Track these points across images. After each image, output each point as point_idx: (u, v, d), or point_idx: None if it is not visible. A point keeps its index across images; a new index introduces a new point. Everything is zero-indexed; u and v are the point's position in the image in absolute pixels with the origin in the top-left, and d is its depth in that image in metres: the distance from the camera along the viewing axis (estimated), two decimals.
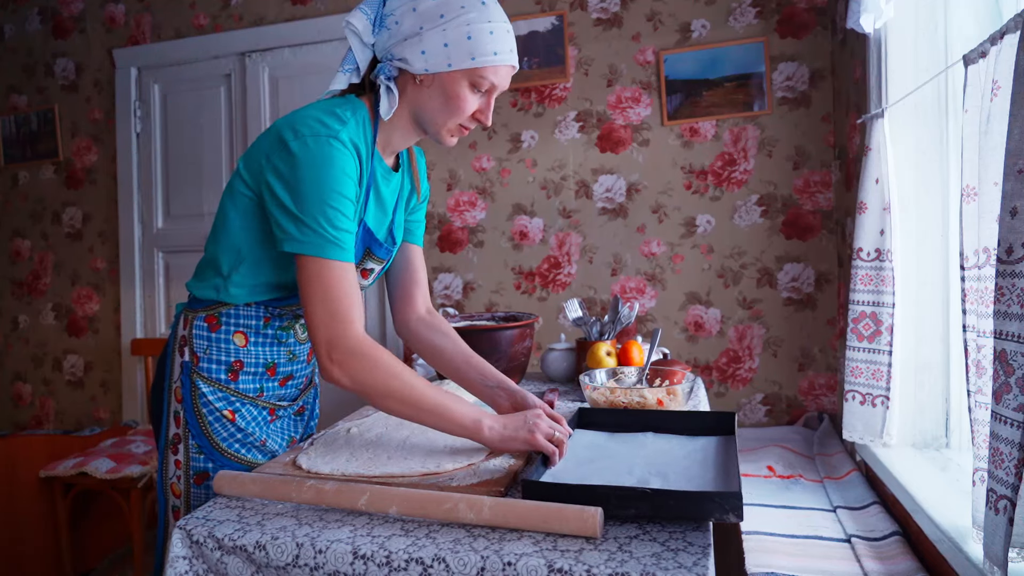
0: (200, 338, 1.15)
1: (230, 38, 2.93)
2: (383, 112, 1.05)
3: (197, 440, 1.14)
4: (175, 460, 1.15)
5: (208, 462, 1.13)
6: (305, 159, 0.98)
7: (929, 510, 1.34)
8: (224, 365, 1.15)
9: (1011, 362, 0.90)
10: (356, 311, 1.00)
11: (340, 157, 0.99)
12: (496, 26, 1.02)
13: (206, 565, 0.86)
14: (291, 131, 1.01)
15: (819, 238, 2.40)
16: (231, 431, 1.15)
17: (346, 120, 1.03)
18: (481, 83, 1.04)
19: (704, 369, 2.51)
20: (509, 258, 2.69)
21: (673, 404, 1.25)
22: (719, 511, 0.79)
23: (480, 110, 1.08)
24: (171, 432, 1.16)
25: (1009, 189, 0.91)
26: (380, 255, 1.19)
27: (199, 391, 1.13)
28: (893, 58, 1.73)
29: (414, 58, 1.02)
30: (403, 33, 1.02)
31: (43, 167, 3.21)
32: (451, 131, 1.09)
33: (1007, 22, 0.99)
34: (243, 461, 1.15)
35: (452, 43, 1.00)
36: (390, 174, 1.16)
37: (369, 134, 1.09)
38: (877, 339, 1.68)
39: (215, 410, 1.14)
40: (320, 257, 0.98)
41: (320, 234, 0.98)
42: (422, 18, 1.01)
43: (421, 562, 0.77)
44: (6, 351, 3.32)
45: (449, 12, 1.00)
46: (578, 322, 1.79)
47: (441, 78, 1.03)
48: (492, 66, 1.02)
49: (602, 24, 2.58)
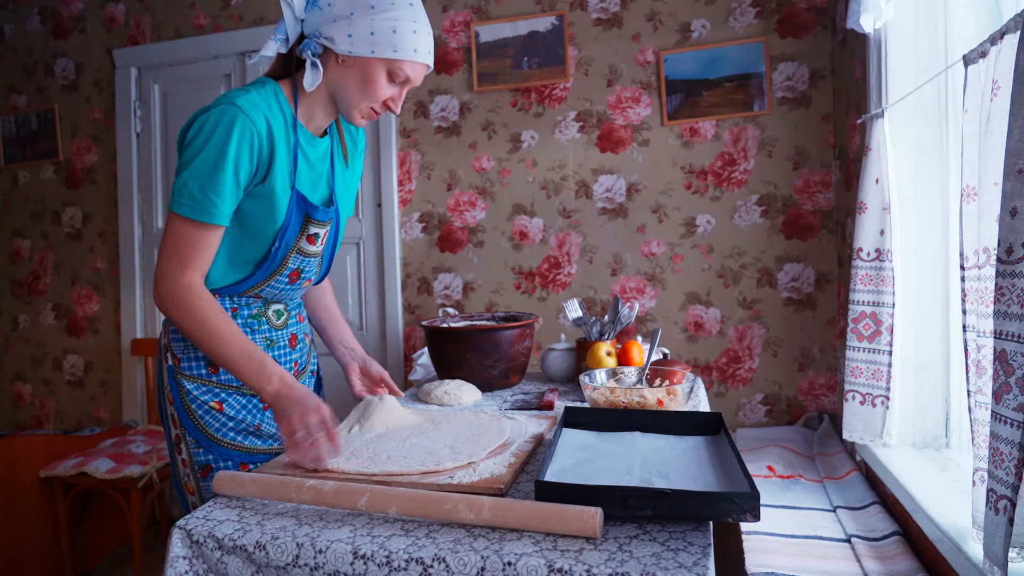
0: (177, 340, 1.22)
1: (230, 38, 2.93)
2: (307, 84, 1.12)
3: (193, 436, 1.20)
4: (181, 460, 1.22)
5: (208, 454, 1.19)
6: (202, 125, 1.08)
7: (929, 510, 1.34)
8: (203, 360, 1.21)
9: (1011, 362, 0.90)
10: (197, 264, 1.11)
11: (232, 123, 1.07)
12: (419, 27, 1.11)
13: (206, 565, 0.86)
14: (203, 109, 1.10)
15: (819, 238, 2.40)
16: (222, 421, 1.20)
17: (252, 92, 1.11)
18: (397, 74, 1.13)
19: (704, 369, 2.51)
20: (509, 258, 2.69)
21: (673, 404, 1.25)
22: (737, 511, 0.80)
23: (392, 98, 1.16)
24: (172, 434, 1.23)
25: (1009, 189, 0.91)
26: (320, 218, 1.23)
27: (184, 389, 1.20)
28: (893, 58, 1.73)
29: (340, 39, 1.10)
30: (334, 14, 1.10)
31: (43, 167, 3.21)
32: (362, 112, 1.17)
33: (1007, 22, 0.99)
34: (240, 448, 1.21)
35: (378, 32, 1.09)
36: (315, 140, 1.22)
37: (287, 106, 1.16)
38: (877, 339, 1.68)
39: (202, 404, 1.20)
40: (181, 216, 1.09)
41: (185, 193, 1.08)
42: (354, 4, 1.09)
43: (421, 562, 0.77)
44: (6, 351, 3.32)
45: (380, 4, 1.09)
46: (578, 322, 1.79)
47: (362, 62, 1.11)
48: (410, 61, 1.12)
49: (602, 24, 2.58)
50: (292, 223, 1.18)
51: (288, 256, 1.21)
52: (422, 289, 2.78)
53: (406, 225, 2.79)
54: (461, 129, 2.71)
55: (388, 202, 2.78)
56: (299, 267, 1.25)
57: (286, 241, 1.19)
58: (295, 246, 1.21)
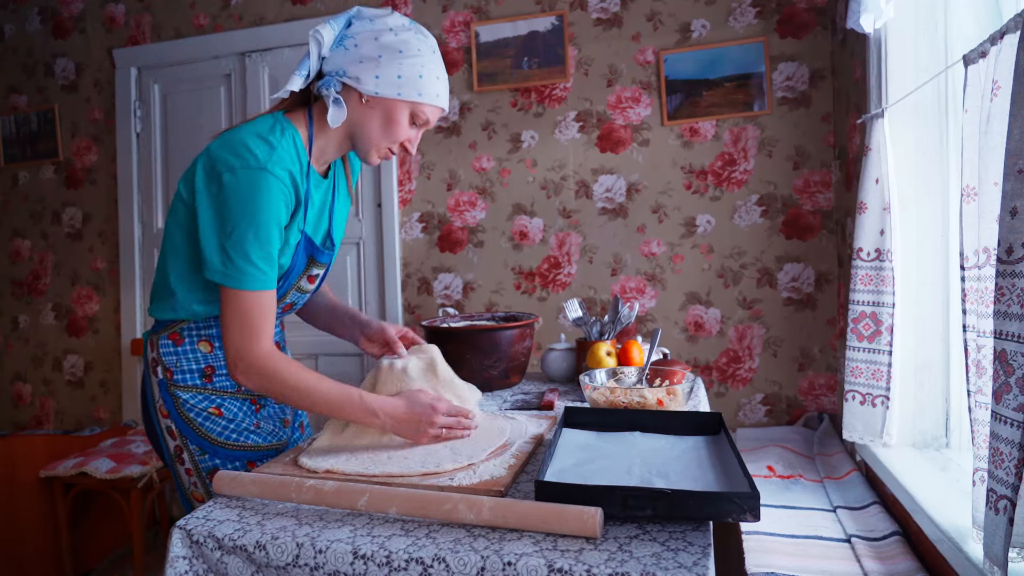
0: (168, 354, 1.22)
1: (230, 38, 2.93)
2: (331, 121, 1.13)
3: (196, 443, 1.21)
4: (185, 470, 1.23)
5: (214, 459, 1.21)
6: (235, 191, 1.06)
7: (929, 510, 1.34)
8: (196, 372, 1.22)
9: (1011, 362, 0.90)
10: (266, 332, 1.10)
11: (269, 189, 1.06)
12: (440, 74, 1.17)
13: (206, 565, 0.86)
14: (224, 162, 1.07)
15: (819, 238, 2.40)
16: (223, 424, 1.22)
17: (275, 145, 1.09)
18: (419, 116, 1.16)
19: (704, 369, 2.51)
20: (509, 258, 2.69)
21: (673, 404, 1.25)
22: (737, 511, 0.80)
23: (410, 139, 1.19)
24: (171, 446, 1.23)
25: (1009, 189, 0.91)
26: (322, 260, 1.26)
27: (180, 399, 1.21)
28: (893, 58, 1.73)
29: (367, 79, 1.12)
30: (360, 55, 1.12)
31: (43, 167, 3.21)
32: (380, 152, 1.19)
33: (1007, 22, 0.99)
34: (245, 447, 1.23)
35: (405, 76, 1.12)
36: (321, 181, 1.23)
37: (303, 151, 1.16)
38: (877, 339, 1.68)
39: (201, 411, 1.21)
40: (238, 289, 1.07)
41: (240, 268, 1.07)
42: (383, 48, 1.12)
43: (421, 562, 0.77)
44: (6, 351, 3.32)
45: (408, 51, 1.12)
46: (578, 322, 1.79)
47: (387, 103, 1.14)
48: (432, 105, 1.16)
49: (602, 24, 2.58)
50: (297, 265, 1.21)
51: (287, 294, 1.25)
52: (422, 289, 2.78)
53: (406, 225, 2.79)
54: (461, 129, 2.71)
55: (388, 202, 2.78)
56: (293, 301, 1.30)
57: (290, 281, 1.22)
58: (295, 285, 1.25)
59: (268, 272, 1.09)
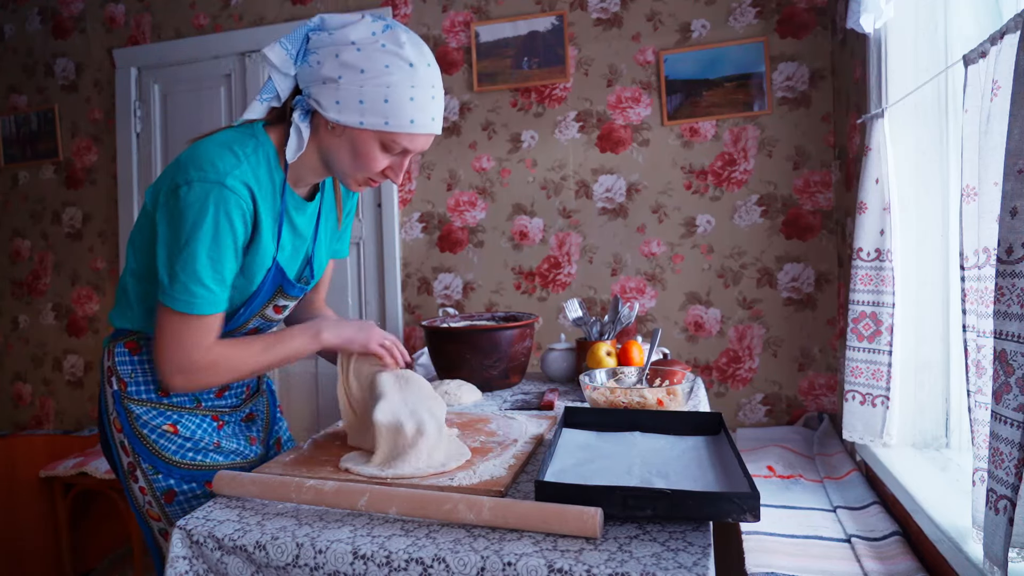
0: (123, 364, 1.14)
1: (230, 38, 2.93)
2: (289, 155, 1.02)
3: (149, 462, 1.12)
4: (139, 488, 1.14)
5: (168, 479, 1.12)
6: (186, 206, 0.97)
7: (929, 510, 1.34)
8: (151, 385, 1.14)
9: (1011, 362, 0.90)
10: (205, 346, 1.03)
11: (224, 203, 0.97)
12: (418, 92, 0.97)
13: (206, 565, 0.86)
14: (184, 173, 0.98)
15: (819, 238, 2.40)
16: (179, 443, 1.13)
17: (241, 159, 1.00)
18: (393, 147, 1.01)
19: (704, 369, 2.51)
20: (509, 258, 2.69)
21: (673, 404, 1.25)
22: (737, 511, 0.80)
23: (391, 167, 1.05)
24: (124, 462, 1.15)
25: (1009, 189, 0.91)
26: (292, 294, 1.18)
27: (133, 414, 1.12)
28: (893, 58, 1.73)
29: (328, 104, 0.98)
30: (322, 75, 0.98)
31: (43, 167, 3.21)
32: (358, 181, 1.07)
33: (1007, 22, 0.99)
34: (202, 467, 1.14)
35: (368, 101, 0.96)
36: (304, 205, 1.13)
37: (276, 169, 1.06)
38: (877, 339, 1.68)
39: (155, 428, 1.12)
40: (177, 312, 1.00)
41: (189, 289, 0.99)
42: (343, 67, 0.96)
43: (421, 562, 0.77)
44: (6, 351, 3.32)
45: (371, 69, 0.96)
46: (578, 322, 1.79)
47: (352, 132, 1.00)
48: (407, 133, 0.99)
49: (602, 24, 2.58)
50: (263, 292, 1.12)
51: (250, 320, 1.17)
52: (422, 289, 2.78)
53: (406, 225, 2.79)
54: (461, 129, 2.71)
55: (388, 202, 2.78)
56: (259, 326, 1.21)
57: (252, 308, 1.14)
58: (260, 312, 1.17)
59: (218, 293, 1.01)
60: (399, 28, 0.99)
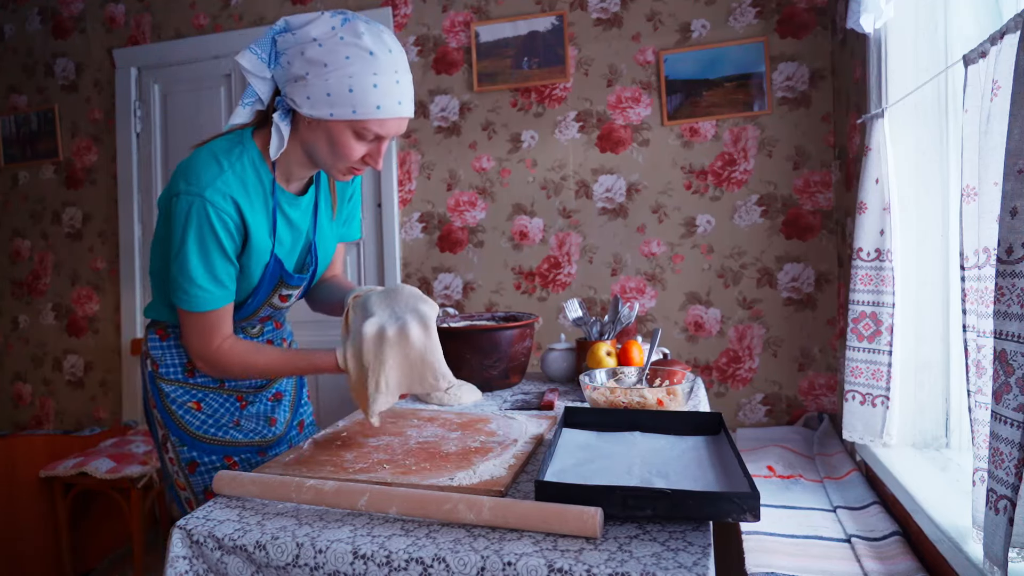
0: (155, 348, 1.25)
1: (230, 38, 2.93)
2: (271, 152, 1.08)
3: (175, 434, 1.24)
4: (169, 459, 1.26)
5: (192, 451, 1.24)
6: (175, 217, 1.06)
7: (929, 510, 1.34)
8: (179, 367, 1.25)
9: (1011, 362, 0.90)
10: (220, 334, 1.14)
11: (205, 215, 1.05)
12: (381, 79, 1.00)
13: (206, 565, 0.86)
14: (175, 184, 1.07)
15: (819, 238, 2.40)
16: (202, 419, 1.24)
17: (225, 168, 1.07)
18: (365, 134, 1.05)
19: (704, 369, 2.51)
20: (509, 258, 2.69)
21: (673, 404, 1.25)
22: (737, 511, 0.80)
23: (369, 154, 1.09)
24: (159, 435, 1.27)
25: (1009, 189, 0.91)
26: (293, 283, 1.25)
27: (164, 392, 1.24)
28: (893, 58, 1.73)
29: (301, 101, 1.04)
30: (292, 75, 1.03)
31: (43, 167, 3.21)
32: (341, 171, 1.11)
33: (1007, 22, 0.99)
34: (222, 442, 1.25)
35: (335, 93, 1.00)
36: (296, 200, 1.19)
37: (264, 170, 1.12)
38: (877, 339, 1.68)
39: (182, 404, 1.24)
40: (187, 310, 1.11)
41: (187, 291, 1.09)
42: (308, 64, 1.01)
43: (421, 562, 0.77)
44: (6, 351, 3.32)
45: (332, 62, 1.00)
46: (578, 322, 1.79)
47: (325, 124, 1.04)
48: (376, 119, 1.02)
49: (602, 24, 2.58)
50: (265, 285, 1.20)
51: (259, 309, 1.26)
52: (422, 289, 2.78)
53: (406, 225, 2.79)
54: (461, 129, 2.71)
55: (388, 202, 2.78)
56: (269, 314, 1.31)
57: (258, 299, 1.22)
58: (266, 302, 1.25)
59: (215, 291, 1.10)
60: (358, 20, 1.03)
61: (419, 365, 1.07)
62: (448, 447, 1.13)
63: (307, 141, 1.09)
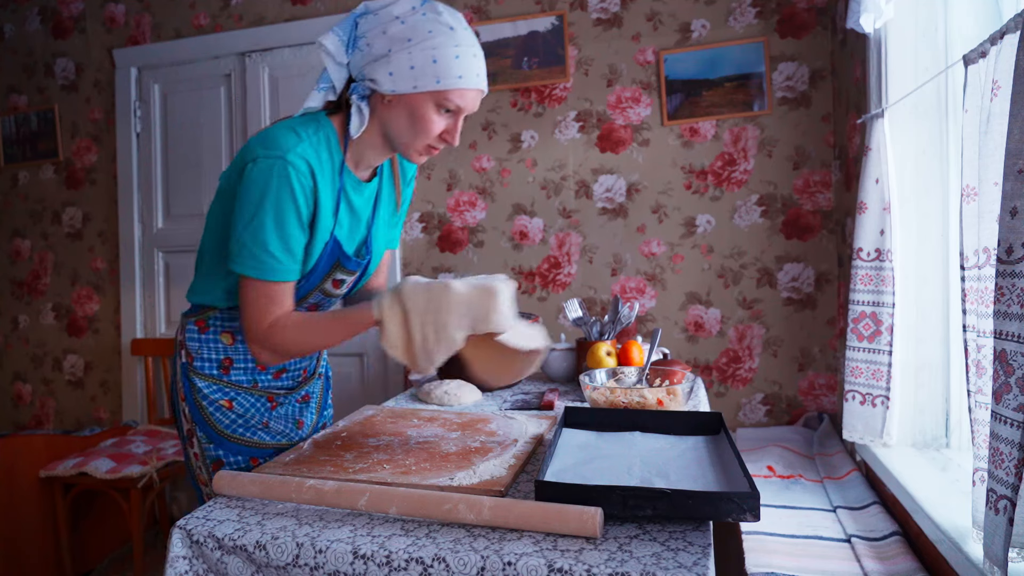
0: (192, 340, 1.24)
1: (230, 38, 2.93)
2: (352, 130, 1.10)
3: (203, 431, 1.22)
4: (193, 453, 1.25)
5: (218, 449, 1.22)
6: (252, 181, 1.05)
7: (929, 510, 1.34)
8: (215, 362, 1.24)
9: (1011, 362, 0.90)
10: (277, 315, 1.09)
11: (285, 176, 1.04)
12: (462, 50, 1.05)
13: (206, 565, 0.86)
14: (251, 152, 1.07)
15: (819, 238, 2.40)
16: (232, 418, 1.23)
17: (302, 137, 1.07)
18: (447, 104, 1.07)
19: (704, 369, 2.51)
20: (509, 258, 2.69)
21: (673, 404, 1.25)
22: (737, 511, 0.80)
23: (447, 130, 1.11)
24: (185, 428, 1.25)
25: (1009, 189, 0.91)
26: (350, 267, 1.23)
27: (196, 387, 1.23)
28: (893, 58, 1.73)
29: (383, 78, 1.06)
30: (373, 54, 1.06)
31: (43, 167, 3.21)
32: (418, 150, 1.13)
33: (1007, 22, 0.99)
34: (250, 443, 1.24)
35: (418, 65, 1.04)
36: (361, 186, 1.19)
37: (336, 150, 1.13)
38: (877, 339, 1.68)
39: (213, 401, 1.22)
40: (250, 277, 1.08)
41: (257, 256, 1.06)
42: (391, 40, 1.04)
43: (421, 562, 0.77)
44: (6, 351, 3.32)
45: (416, 36, 1.04)
46: (578, 322, 1.79)
47: (407, 99, 1.07)
48: (457, 89, 1.06)
49: (602, 24, 2.58)
50: (321, 267, 1.18)
51: (310, 293, 1.22)
52: None
53: (406, 225, 2.79)
54: None
55: None
56: (317, 302, 1.26)
57: (311, 282, 1.19)
58: (319, 286, 1.22)
59: (285, 262, 1.08)
60: (435, 1, 1.09)
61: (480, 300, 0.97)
62: (448, 447, 1.13)
63: (385, 120, 1.10)
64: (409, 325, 0.99)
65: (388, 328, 1.00)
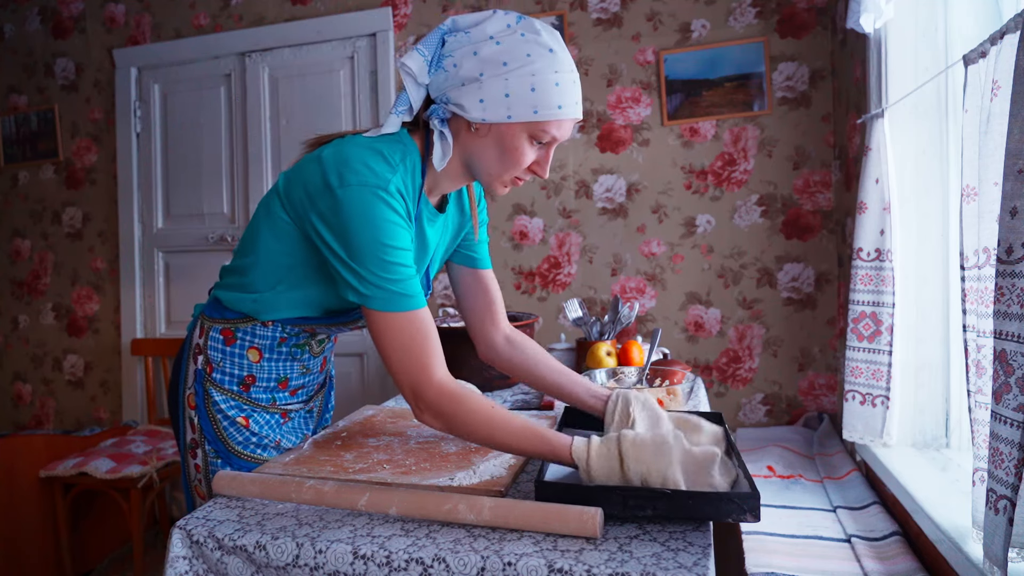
0: (215, 350, 1.15)
1: (230, 38, 2.93)
2: (436, 161, 1.00)
3: (213, 445, 1.15)
4: (195, 464, 1.17)
5: (225, 465, 1.15)
6: (352, 210, 0.94)
7: (929, 510, 1.34)
8: (237, 378, 1.16)
9: (1011, 362, 0.90)
10: (433, 356, 0.96)
11: (387, 209, 0.95)
12: (563, 76, 0.95)
13: (206, 565, 0.86)
14: (338, 175, 0.95)
15: (819, 238, 2.40)
16: (246, 435, 1.15)
17: (395, 166, 0.98)
18: (542, 136, 0.97)
19: (704, 369, 2.51)
20: (509, 258, 2.69)
21: (673, 404, 1.25)
22: (737, 511, 0.80)
23: (537, 162, 1.01)
24: (188, 437, 1.18)
25: (1009, 189, 0.91)
26: None
27: (212, 399, 1.15)
28: (893, 58, 1.73)
29: (471, 105, 0.95)
30: (461, 77, 0.95)
31: (43, 167, 3.21)
32: (504, 183, 1.03)
33: (1007, 22, 0.99)
34: (259, 460, 1.16)
35: (514, 94, 0.94)
36: (435, 216, 1.11)
37: (418, 178, 1.03)
38: (877, 339, 1.68)
39: (229, 417, 1.15)
40: (387, 311, 0.96)
41: (383, 288, 0.95)
42: (483, 64, 0.94)
43: (421, 562, 0.77)
44: (6, 351, 3.32)
45: (513, 60, 0.93)
46: (578, 322, 1.79)
47: (499, 128, 0.97)
48: (556, 120, 0.96)
49: (602, 24, 2.58)
50: None
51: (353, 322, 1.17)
52: None
53: None
54: None
55: None
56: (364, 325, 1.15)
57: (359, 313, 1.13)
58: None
59: (411, 288, 0.96)
60: (531, 18, 0.98)
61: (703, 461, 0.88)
62: (448, 447, 1.13)
63: (470, 150, 1.01)
64: (626, 472, 0.88)
65: (595, 471, 0.89)
